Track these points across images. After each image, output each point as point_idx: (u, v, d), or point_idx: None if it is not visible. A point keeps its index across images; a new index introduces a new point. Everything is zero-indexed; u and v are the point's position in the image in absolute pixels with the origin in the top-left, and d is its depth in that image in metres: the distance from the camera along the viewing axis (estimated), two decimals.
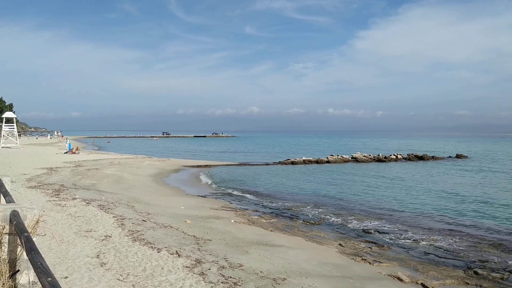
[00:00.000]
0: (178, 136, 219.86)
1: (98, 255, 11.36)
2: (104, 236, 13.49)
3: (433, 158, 68.31)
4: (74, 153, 59.84)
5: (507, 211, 24.82)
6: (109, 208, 18.91)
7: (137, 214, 18.41)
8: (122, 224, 15.58)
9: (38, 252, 3.50)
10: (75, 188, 25.30)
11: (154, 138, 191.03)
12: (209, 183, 38.07)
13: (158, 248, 12.46)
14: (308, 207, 26.43)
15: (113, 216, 16.91)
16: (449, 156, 73.33)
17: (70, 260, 10.78)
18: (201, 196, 29.30)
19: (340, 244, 16.92)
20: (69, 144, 67.91)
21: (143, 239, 13.47)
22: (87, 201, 20.18)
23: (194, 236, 15.15)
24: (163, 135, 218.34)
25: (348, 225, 21.13)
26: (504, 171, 49.33)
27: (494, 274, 13.55)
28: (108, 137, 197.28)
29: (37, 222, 4.51)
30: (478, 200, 28.84)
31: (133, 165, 47.24)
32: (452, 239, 18.47)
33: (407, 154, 70.39)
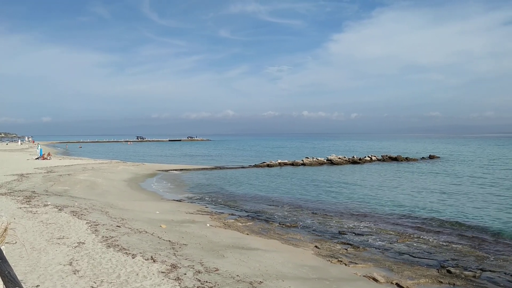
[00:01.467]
0: (152, 140, 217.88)
1: (71, 263, 11.13)
2: (77, 243, 13.24)
3: (406, 159, 69.24)
4: (45, 158, 58.72)
5: (479, 211, 25.30)
6: (82, 214, 18.59)
7: (111, 219, 18.15)
8: (95, 230, 15.33)
9: (6, 261, 3.40)
10: (47, 195, 24.81)
11: (128, 143, 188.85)
12: (185, 187, 37.81)
13: (133, 254, 12.29)
14: (284, 209, 26.47)
15: (87, 222, 16.63)
16: (423, 157, 74.44)
17: (41, 268, 10.55)
18: (177, 201, 29.07)
19: (316, 246, 16.98)
20: (41, 150, 66.58)
21: (118, 245, 13.27)
22: (59, 208, 19.79)
23: (169, 240, 15.00)
24: (137, 140, 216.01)
25: (324, 227, 21.23)
26: (474, 171, 50.33)
27: (466, 273, 13.79)
28: (81, 142, 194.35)
29: (5, 230, 4.39)
30: (451, 200, 29.32)
31: (107, 170, 46.60)
32: (426, 239, 18.74)
33: (381, 156, 71.21)
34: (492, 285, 12.87)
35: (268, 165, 60.58)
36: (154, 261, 11.76)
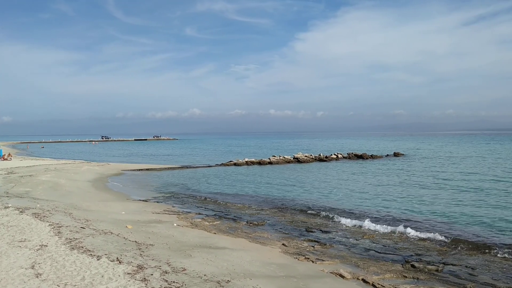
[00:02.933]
0: (118, 140, 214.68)
1: (33, 266, 10.85)
2: (40, 245, 12.92)
3: (372, 156, 70.39)
4: (5, 159, 57.15)
5: (442, 206, 25.94)
6: (44, 216, 18.15)
7: (75, 221, 17.79)
8: (59, 232, 14.99)
9: None
10: (7, 197, 24.14)
11: (93, 142, 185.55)
12: (151, 187, 37.40)
13: (98, 256, 12.07)
14: (251, 208, 26.52)
15: (49, 224, 16.24)
16: (387, 155, 75.85)
17: (3, 272, 10.25)
18: (143, 201, 28.72)
19: (283, 244, 17.06)
20: (0, 150, 64.66)
21: (82, 247, 13.02)
22: (20, 210, 19.27)
23: (135, 241, 14.81)
24: (102, 139, 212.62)
25: (291, 225, 21.36)
26: (437, 168, 51.56)
27: (429, 267, 14.11)
28: (43, 142, 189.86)
29: None
30: (415, 196, 29.96)
31: (71, 170, 45.68)
32: (391, 235, 19.09)
33: (347, 154, 72.20)
34: (454, 278, 13.20)
35: (235, 164, 60.55)
36: (120, 262, 11.58)
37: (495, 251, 16.31)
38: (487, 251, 16.36)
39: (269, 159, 64.10)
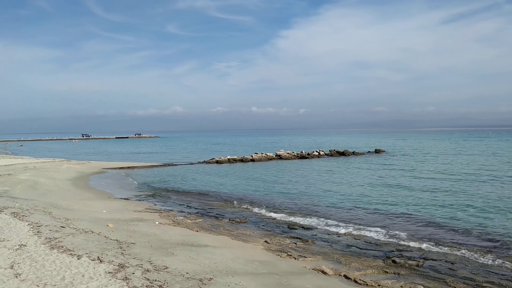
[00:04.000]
0: (99, 138, 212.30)
1: (12, 266, 10.68)
2: (19, 245, 12.72)
3: (353, 153, 70.89)
4: None
5: (422, 201, 26.25)
6: (23, 215, 17.88)
7: (55, 220, 17.56)
8: (38, 231, 14.78)
9: None
10: None
11: (73, 141, 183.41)
12: (132, 185, 37.13)
13: (78, 255, 11.93)
14: (233, 205, 26.51)
15: (29, 224, 16.00)
16: (369, 151, 76.48)
17: None
18: (124, 199, 28.48)
19: (266, 241, 17.09)
20: None
21: (62, 246, 12.85)
22: None
23: (117, 240, 14.68)
24: (82, 137, 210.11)
25: (274, 222, 21.42)
26: (417, 164, 52.16)
27: (410, 262, 14.28)
28: (22, 140, 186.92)
29: None
30: (396, 192, 30.27)
31: (50, 169, 45.07)
32: (372, 231, 19.24)
33: (329, 150, 72.54)
34: (434, 273, 13.38)
35: (217, 162, 60.42)
36: (100, 261, 11.46)
37: (474, 246, 16.57)
38: (466, 246, 16.61)
39: (252, 156, 64.09)
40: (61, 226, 16.18)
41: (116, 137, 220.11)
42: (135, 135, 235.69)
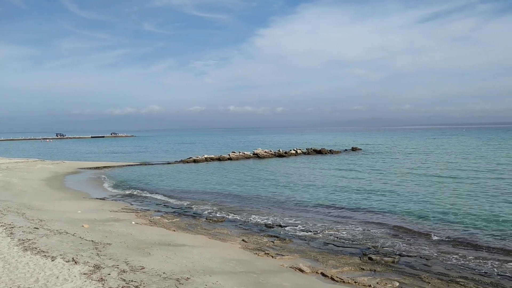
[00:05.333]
0: (73, 137, 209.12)
1: None
2: None
3: (330, 151, 71.31)
4: None
5: (397, 199, 26.58)
6: None
7: (28, 221, 17.24)
8: (11, 233, 14.49)
9: None
10: None
11: (47, 140, 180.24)
12: (108, 184, 36.69)
13: (53, 256, 11.74)
14: (211, 204, 26.41)
15: (1, 225, 15.70)
16: (345, 150, 77.09)
17: None
18: (100, 199, 28.14)
19: (243, 240, 17.08)
20: None
21: (36, 248, 12.63)
22: None
23: (92, 241, 14.49)
24: (57, 137, 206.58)
25: (251, 221, 21.42)
26: (393, 162, 52.82)
27: (386, 259, 14.45)
28: None
29: None
30: (372, 190, 30.58)
31: (24, 169, 44.24)
32: (349, 229, 19.42)
33: (306, 149, 72.83)
34: (409, 269, 13.57)
35: (194, 161, 60.16)
36: (75, 262, 11.30)
37: (448, 242, 16.87)
38: (440, 242, 16.89)
39: (229, 155, 64.00)
40: (35, 227, 15.90)
41: (91, 137, 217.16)
42: (111, 134, 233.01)
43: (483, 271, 13.30)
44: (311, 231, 18.96)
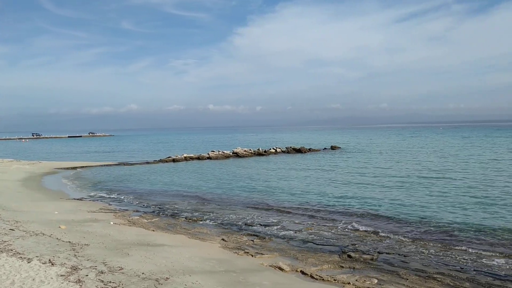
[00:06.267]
0: (50, 137, 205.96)
1: None
2: None
3: (310, 150, 71.70)
4: None
5: (376, 197, 26.84)
6: None
7: (3, 222, 16.92)
8: None
9: None
10: None
11: (23, 140, 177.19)
12: (86, 185, 36.22)
13: (29, 258, 11.55)
14: (190, 204, 26.30)
15: None
16: (325, 148, 77.56)
17: None
18: (77, 199, 27.78)
19: (223, 239, 17.05)
20: None
21: (11, 250, 12.40)
22: None
23: (69, 242, 14.29)
24: (33, 137, 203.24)
25: (231, 220, 21.38)
26: (372, 160, 53.34)
27: (365, 256, 14.59)
28: None
29: None
30: (351, 188, 30.83)
31: None
32: (328, 227, 19.54)
33: (286, 148, 73.06)
34: (387, 266, 13.72)
35: (173, 160, 59.83)
36: (52, 264, 11.12)
37: (425, 239, 17.10)
38: (418, 239, 17.12)
39: (208, 154, 63.82)
40: (10, 229, 15.61)
41: (68, 136, 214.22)
42: (89, 134, 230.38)
43: (459, 267, 13.52)
44: (290, 230, 19.01)
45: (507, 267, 13.49)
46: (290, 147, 72.87)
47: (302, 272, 12.78)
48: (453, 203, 23.97)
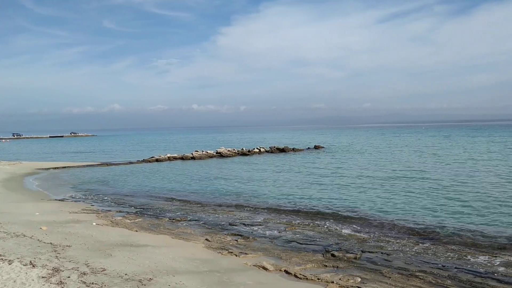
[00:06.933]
0: (31, 137, 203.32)
1: None
2: None
3: (293, 150, 71.93)
4: None
5: (359, 197, 27.02)
6: None
7: None
8: None
9: None
10: None
11: (3, 140, 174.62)
12: (68, 185, 35.83)
13: (9, 260, 11.38)
14: (174, 204, 26.19)
15: None
16: (308, 148, 77.85)
17: None
18: (59, 200, 27.46)
19: (206, 239, 17.00)
20: None
21: None
22: None
23: (51, 243, 14.12)
24: (13, 137, 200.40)
25: (215, 220, 21.33)
26: (355, 160, 53.71)
27: (348, 255, 14.67)
28: None
29: None
30: (335, 188, 30.99)
31: None
32: (312, 226, 19.61)
33: (269, 147, 73.17)
34: (371, 264, 13.82)
35: (157, 160, 59.53)
36: (33, 266, 10.98)
37: (407, 237, 17.27)
38: (401, 237, 17.28)
39: (192, 154, 63.60)
40: None
41: (50, 136, 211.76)
42: (71, 133, 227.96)
43: (441, 265, 13.67)
44: (274, 230, 19.03)
45: (487, 264, 13.70)
46: (274, 147, 72.99)
47: (286, 272, 12.81)
48: (433, 202, 24.25)
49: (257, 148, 71.09)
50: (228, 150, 67.03)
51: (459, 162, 45.05)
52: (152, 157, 62.29)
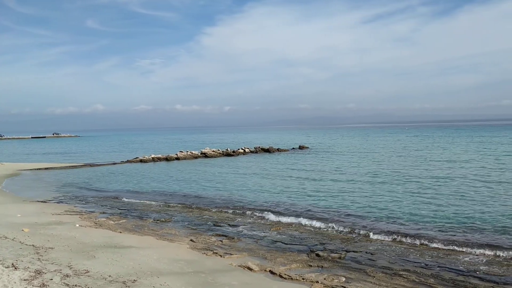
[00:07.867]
0: (12, 138, 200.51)
1: None
2: None
3: (278, 150, 72.06)
4: None
5: (343, 198, 27.16)
6: None
7: None
8: None
9: None
10: None
11: None
12: (51, 187, 35.42)
13: None
14: (158, 205, 26.06)
15: None
16: (293, 148, 78.03)
17: None
18: (41, 202, 27.12)
19: (191, 240, 16.94)
20: None
21: None
22: None
23: (33, 245, 13.95)
24: None
25: (199, 220, 21.27)
26: (340, 160, 53.97)
27: (333, 255, 14.75)
28: None
29: None
30: (319, 188, 31.09)
31: None
32: (297, 226, 19.68)
33: (254, 148, 73.17)
34: (355, 264, 13.91)
35: (141, 161, 59.17)
36: (15, 268, 10.83)
37: (391, 237, 17.41)
38: (384, 237, 17.42)
39: (176, 154, 63.34)
40: None
41: (32, 137, 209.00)
42: (53, 134, 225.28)
43: (424, 264, 13.82)
44: (259, 230, 19.05)
45: (470, 263, 13.89)
46: (259, 147, 73.03)
47: (271, 272, 12.83)
48: (416, 201, 24.47)
49: (242, 149, 71.02)
50: (213, 151, 66.88)
51: (442, 161, 45.52)
52: (136, 157, 61.92)
